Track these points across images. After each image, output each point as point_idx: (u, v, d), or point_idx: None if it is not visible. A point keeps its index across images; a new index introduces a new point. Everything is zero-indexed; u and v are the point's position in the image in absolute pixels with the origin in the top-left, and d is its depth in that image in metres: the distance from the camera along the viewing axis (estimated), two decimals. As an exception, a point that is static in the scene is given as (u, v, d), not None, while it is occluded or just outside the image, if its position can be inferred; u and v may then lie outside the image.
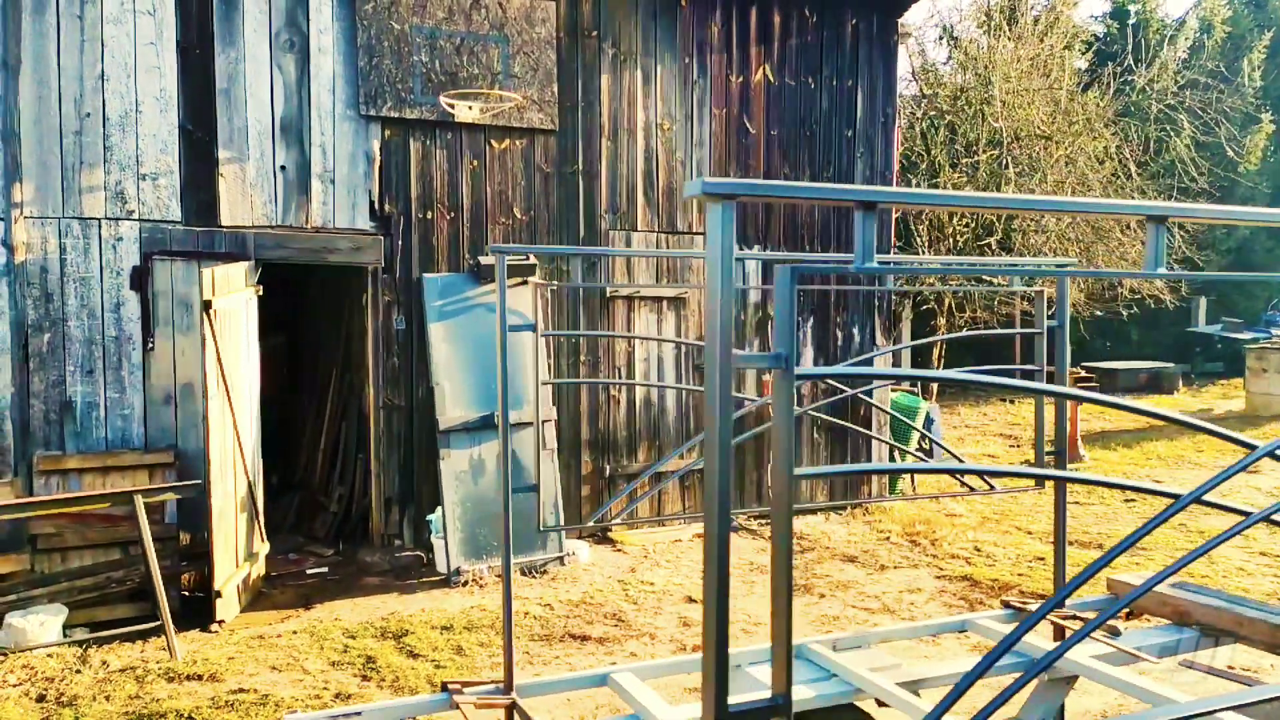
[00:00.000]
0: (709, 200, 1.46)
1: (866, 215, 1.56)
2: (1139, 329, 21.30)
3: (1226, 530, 2.04)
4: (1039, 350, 4.22)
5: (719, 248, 1.45)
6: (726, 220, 1.45)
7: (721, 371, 1.47)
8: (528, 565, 7.59)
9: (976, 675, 1.99)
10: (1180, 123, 15.14)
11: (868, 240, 1.57)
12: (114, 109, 6.82)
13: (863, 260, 1.57)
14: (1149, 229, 1.79)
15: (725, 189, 1.44)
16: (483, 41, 7.77)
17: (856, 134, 9.39)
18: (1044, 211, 1.93)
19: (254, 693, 5.45)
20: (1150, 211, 1.78)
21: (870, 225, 1.57)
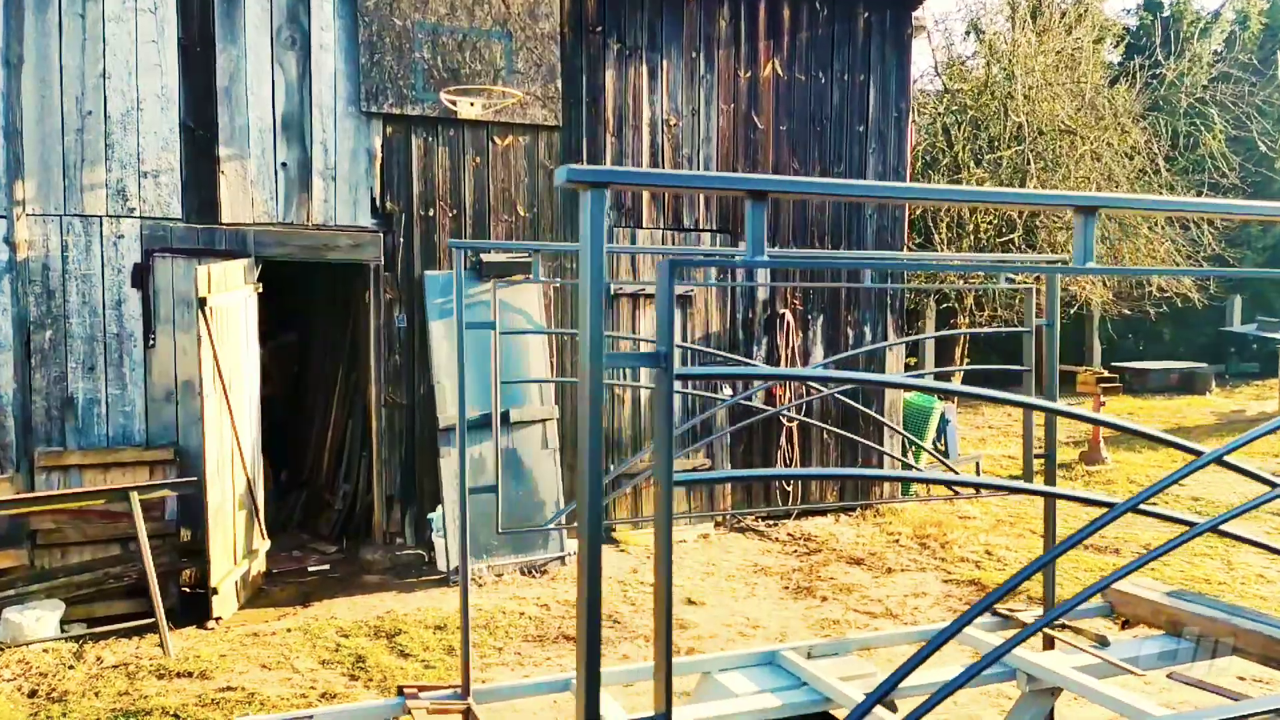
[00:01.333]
0: (579, 188, 1.37)
1: (756, 205, 1.47)
2: (1171, 328, 20.86)
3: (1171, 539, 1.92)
4: (1027, 350, 4.08)
5: (590, 237, 1.36)
6: (597, 209, 1.37)
7: (594, 372, 1.38)
8: (527, 565, 7.53)
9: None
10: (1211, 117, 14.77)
11: (757, 233, 1.47)
12: (115, 107, 6.85)
13: (753, 254, 1.47)
14: (1076, 221, 1.68)
15: (593, 176, 1.35)
16: (485, 37, 7.71)
17: (869, 129, 9.24)
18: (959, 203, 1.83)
19: (241, 691, 5.44)
20: (1079, 202, 1.67)
21: (760, 216, 1.47)
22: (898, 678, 1.79)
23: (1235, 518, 1.93)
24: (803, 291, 9.02)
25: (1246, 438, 1.96)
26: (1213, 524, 1.93)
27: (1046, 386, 4.16)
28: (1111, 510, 1.85)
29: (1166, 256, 13.52)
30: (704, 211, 8.67)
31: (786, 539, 8.67)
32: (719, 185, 1.48)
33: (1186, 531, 1.92)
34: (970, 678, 1.94)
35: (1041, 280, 7.88)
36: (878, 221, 9.28)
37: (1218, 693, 3.63)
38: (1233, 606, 3.94)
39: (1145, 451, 12.34)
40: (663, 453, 1.47)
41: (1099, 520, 1.86)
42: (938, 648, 1.72)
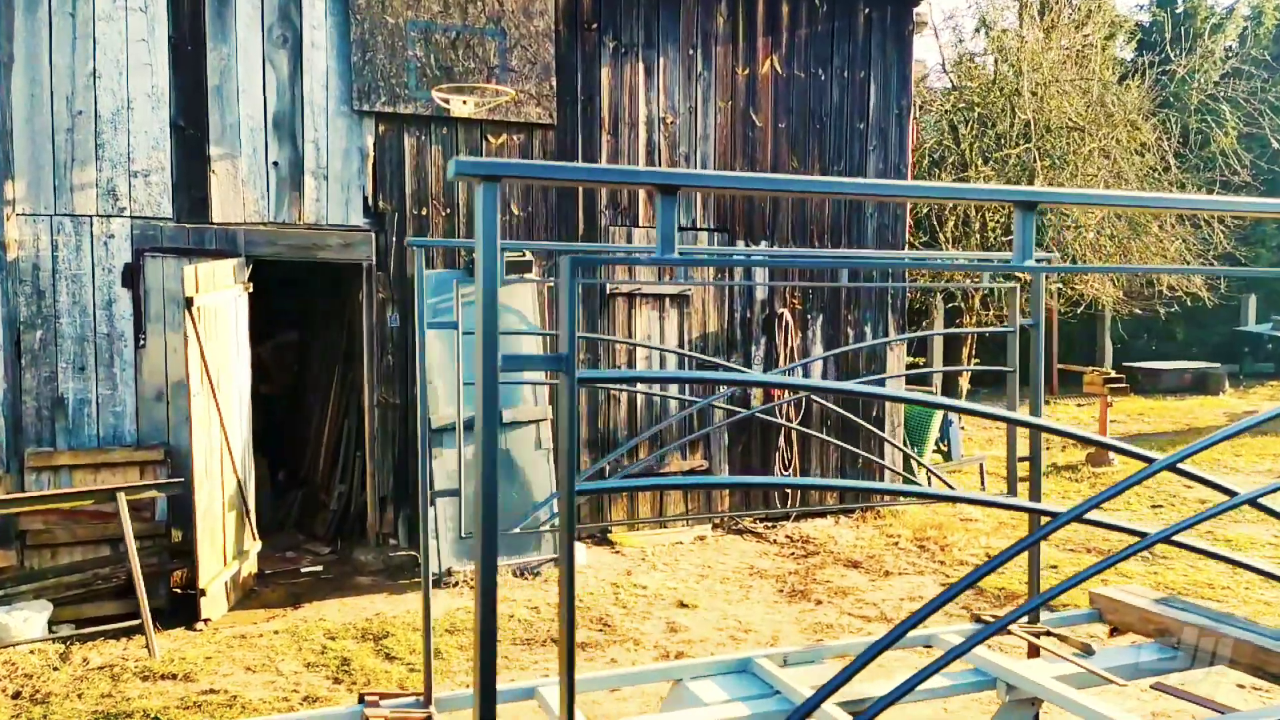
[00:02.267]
0: (473, 181, 1.30)
1: (666, 200, 1.39)
2: (1185, 328, 20.63)
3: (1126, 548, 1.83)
4: (1010, 351, 3.99)
5: (482, 232, 1.29)
6: (490, 204, 1.29)
7: (487, 375, 1.31)
8: (520, 566, 7.47)
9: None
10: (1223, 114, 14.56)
11: (667, 228, 1.40)
12: (106, 106, 6.83)
13: (662, 250, 1.40)
14: (1016, 216, 1.60)
15: (484, 169, 1.28)
16: (479, 35, 7.66)
17: (869, 127, 9.13)
18: (898, 199, 1.75)
19: (224, 694, 5.40)
20: (1018, 197, 1.59)
21: (670, 211, 1.40)
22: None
23: (1188, 528, 1.84)
24: (803, 291, 8.92)
25: (1201, 445, 1.88)
26: (1164, 535, 1.85)
27: (1033, 388, 4.06)
28: (1055, 519, 1.77)
29: (1177, 255, 13.33)
30: (701, 210, 8.59)
31: (785, 541, 8.58)
32: (622, 179, 1.41)
33: (1136, 543, 1.83)
34: (921, 681, 1.87)
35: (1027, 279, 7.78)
36: (878, 220, 9.18)
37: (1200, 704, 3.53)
38: (1222, 614, 3.83)
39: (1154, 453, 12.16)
40: (565, 462, 1.39)
41: (1043, 529, 1.78)
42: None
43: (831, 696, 3.23)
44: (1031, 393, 4.07)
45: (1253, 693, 5.35)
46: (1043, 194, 1.58)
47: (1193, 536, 2.03)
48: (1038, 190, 1.56)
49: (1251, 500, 1.88)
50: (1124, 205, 1.68)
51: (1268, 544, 8.27)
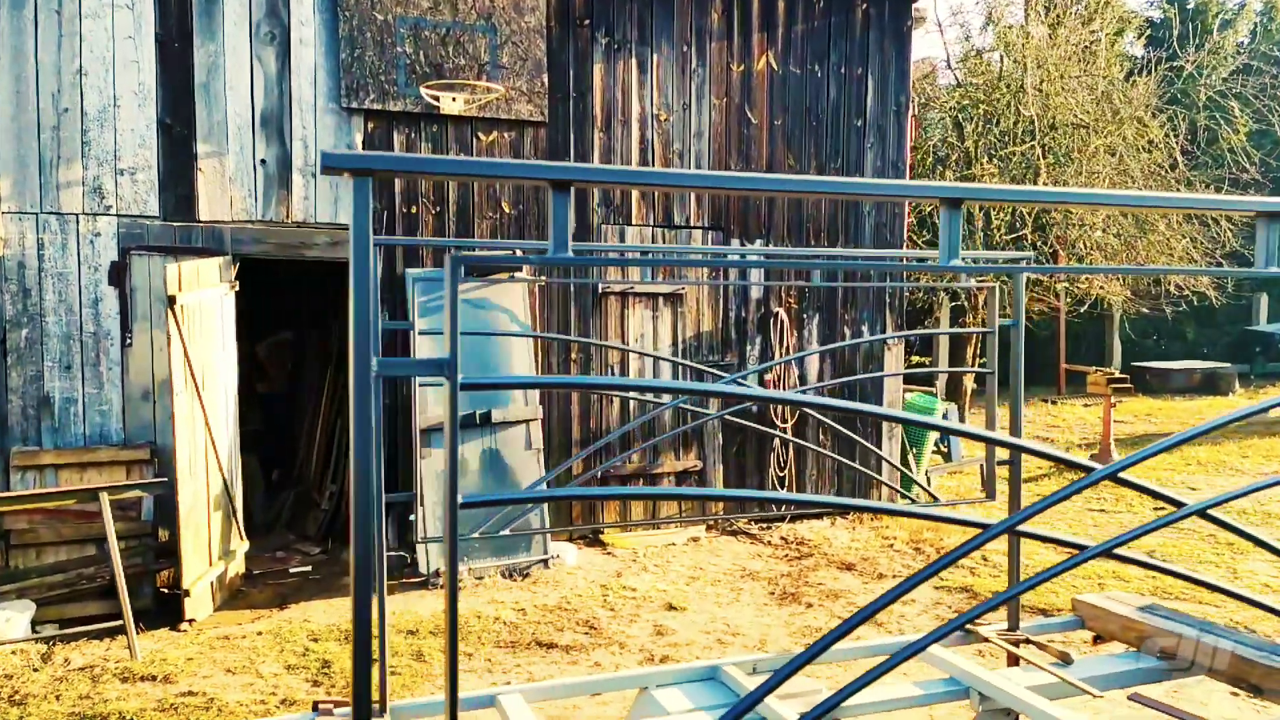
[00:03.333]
0: (342, 176, 1.23)
1: (559, 195, 1.32)
2: (1194, 327, 20.42)
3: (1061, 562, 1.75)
4: (990, 350, 3.89)
5: (354, 229, 1.22)
6: (362, 199, 1.22)
7: (361, 381, 1.23)
8: (510, 567, 7.41)
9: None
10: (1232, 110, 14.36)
11: (560, 225, 1.32)
12: (92, 104, 6.79)
13: (555, 249, 1.32)
14: (941, 214, 1.52)
15: (355, 163, 1.21)
16: (469, 31, 7.59)
17: (867, 124, 9.03)
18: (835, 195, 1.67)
19: (202, 696, 5.35)
20: (945, 194, 1.51)
21: (564, 208, 1.32)
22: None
23: (1132, 540, 1.76)
24: (799, 290, 8.83)
25: (1144, 453, 1.79)
26: (1105, 547, 1.76)
27: (1013, 394, 3.97)
28: (986, 531, 1.69)
29: (1184, 253, 13.15)
30: (695, 209, 8.51)
31: (779, 542, 8.49)
32: (513, 174, 1.33)
33: (1078, 554, 1.75)
34: (868, 682, 1.81)
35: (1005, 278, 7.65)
36: (875, 218, 9.08)
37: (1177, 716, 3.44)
38: (1205, 622, 3.73)
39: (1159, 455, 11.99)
40: (450, 469, 1.32)
41: (972, 541, 1.70)
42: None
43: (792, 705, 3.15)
44: (1011, 398, 3.98)
45: (1246, 701, 5.24)
46: (968, 190, 1.50)
47: (1200, 541, 1.94)
48: (962, 186, 1.48)
49: (1200, 511, 1.80)
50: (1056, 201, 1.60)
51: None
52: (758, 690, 1.56)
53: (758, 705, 3.16)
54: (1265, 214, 1.71)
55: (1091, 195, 1.54)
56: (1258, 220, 1.72)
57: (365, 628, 1.25)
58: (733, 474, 8.80)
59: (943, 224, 1.52)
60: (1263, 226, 1.70)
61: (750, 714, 3.26)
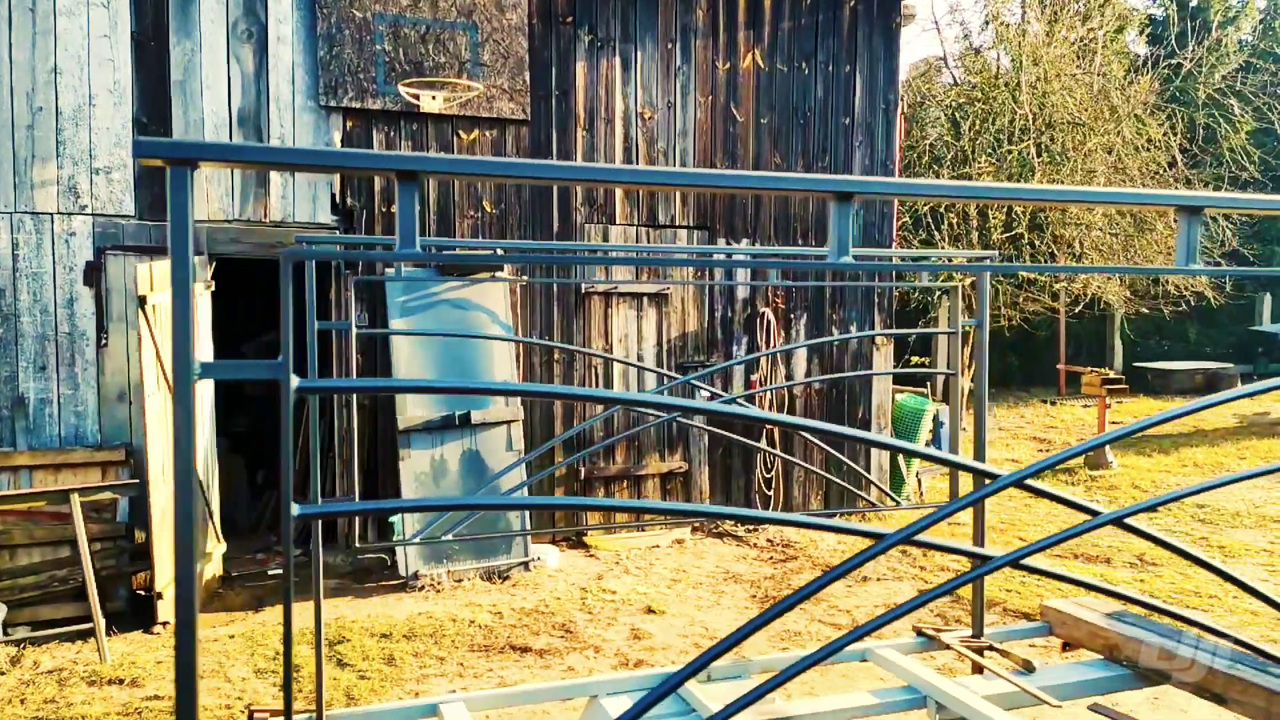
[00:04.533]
0: (159, 165, 1.16)
1: (405, 188, 1.24)
2: (1197, 327, 20.26)
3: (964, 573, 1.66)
4: (953, 351, 3.80)
5: (173, 225, 1.14)
6: (181, 191, 1.15)
7: (181, 387, 1.16)
8: (490, 570, 7.34)
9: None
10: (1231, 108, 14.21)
11: (407, 221, 1.24)
12: (67, 102, 6.74)
13: (403, 245, 1.25)
14: (832, 209, 1.44)
15: (174, 151, 1.14)
16: (449, 29, 7.52)
17: (855, 122, 8.93)
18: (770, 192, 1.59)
19: (168, 700, 5.29)
20: (836, 187, 1.43)
21: (410, 201, 1.24)
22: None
23: (1035, 553, 1.68)
24: (785, 289, 8.74)
25: (1051, 460, 1.71)
26: (1012, 557, 1.68)
27: (978, 397, 3.88)
28: (879, 543, 1.61)
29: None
30: (680, 208, 8.42)
31: (765, 544, 8.40)
32: (351, 164, 1.25)
33: (980, 565, 1.67)
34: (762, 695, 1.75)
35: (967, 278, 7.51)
36: (864, 217, 8.98)
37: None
38: (1174, 630, 3.64)
39: (1155, 456, 11.89)
40: (284, 477, 1.24)
41: (864, 553, 1.62)
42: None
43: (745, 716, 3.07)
44: (976, 402, 3.89)
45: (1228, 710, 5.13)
46: (856, 183, 1.42)
47: (1189, 543, 1.84)
48: (851, 180, 1.40)
49: (1116, 520, 1.71)
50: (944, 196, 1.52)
51: (1262, 550, 8.02)
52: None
53: (701, 709, 3.08)
54: (1185, 209, 1.62)
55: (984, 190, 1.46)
56: (1177, 215, 1.63)
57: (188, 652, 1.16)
58: (719, 475, 8.71)
59: (831, 219, 1.44)
60: (1182, 222, 1.61)
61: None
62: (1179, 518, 9.18)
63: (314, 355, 3.06)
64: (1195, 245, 1.61)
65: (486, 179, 1.25)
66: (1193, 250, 1.61)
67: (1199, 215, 1.61)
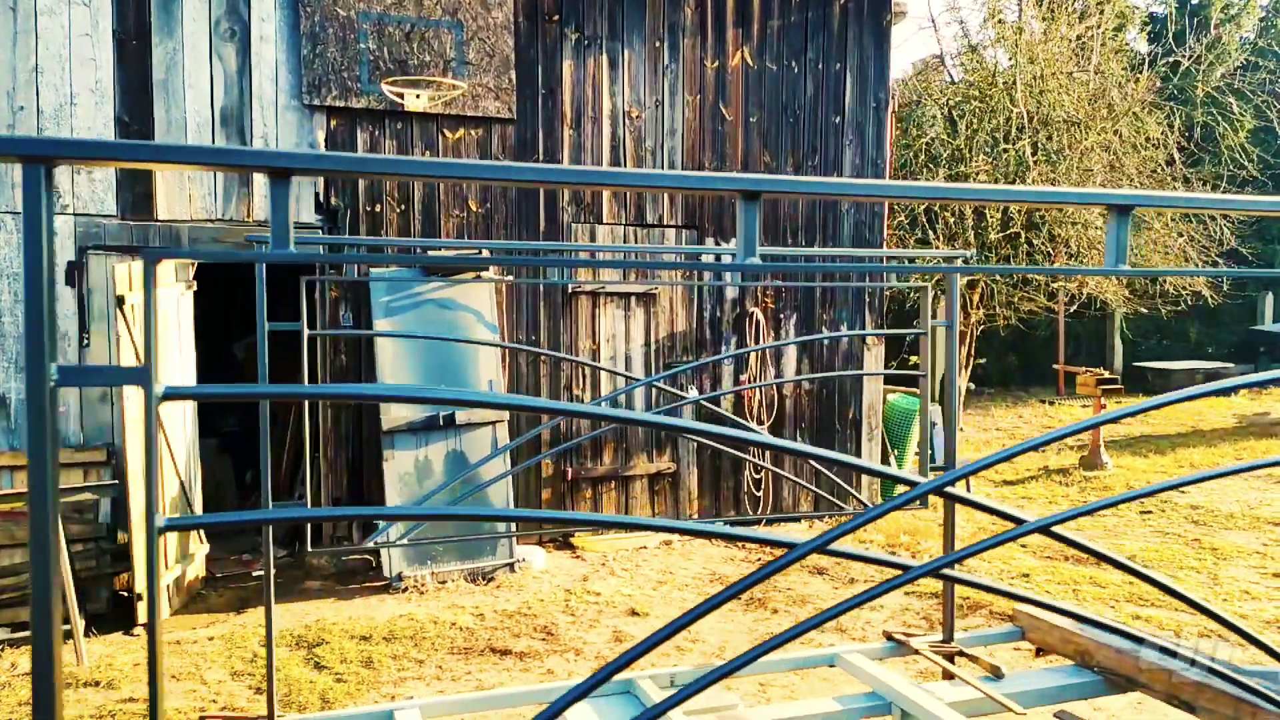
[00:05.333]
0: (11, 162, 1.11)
1: (276, 185, 1.20)
2: (1198, 327, 20.13)
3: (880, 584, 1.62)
4: (924, 352, 3.75)
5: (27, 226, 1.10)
6: (34, 190, 1.10)
7: (35, 396, 1.11)
8: (474, 571, 7.30)
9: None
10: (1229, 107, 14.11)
11: (281, 222, 1.20)
12: (48, 102, 6.72)
13: (276, 245, 1.20)
14: (740, 208, 1.39)
15: (30, 149, 1.09)
16: (434, 27, 7.48)
17: (845, 121, 8.87)
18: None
19: (142, 702, 5.26)
20: (744, 186, 1.38)
21: (284, 199, 1.20)
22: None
23: (959, 560, 1.63)
24: (775, 289, 8.68)
25: (974, 467, 1.66)
26: (931, 566, 1.63)
27: (947, 397, 3.82)
28: (791, 551, 1.56)
29: (1180, 252, 12.93)
30: (668, 207, 8.37)
31: (754, 546, 8.35)
32: (212, 161, 1.21)
33: (897, 576, 1.62)
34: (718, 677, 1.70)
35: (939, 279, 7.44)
36: (854, 217, 8.93)
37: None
38: (1145, 636, 3.58)
39: (1151, 456, 11.81)
40: (148, 486, 1.20)
41: (775, 563, 1.57)
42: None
43: None
44: (945, 402, 3.83)
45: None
46: (765, 181, 1.37)
47: (1184, 546, 1.79)
48: (759, 178, 1.36)
49: (1042, 528, 1.66)
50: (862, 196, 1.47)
51: (1254, 552, 7.95)
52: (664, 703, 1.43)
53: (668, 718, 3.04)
54: (1114, 208, 1.57)
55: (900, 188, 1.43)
56: (1108, 215, 1.58)
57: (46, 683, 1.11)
58: (707, 477, 8.66)
59: (740, 218, 1.39)
60: (1112, 221, 1.56)
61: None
62: (1171, 519, 9.11)
63: (264, 357, 3.01)
64: (1125, 245, 1.56)
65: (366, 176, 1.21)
66: (1122, 251, 1.56)
67: (1128, 215, 1.56)
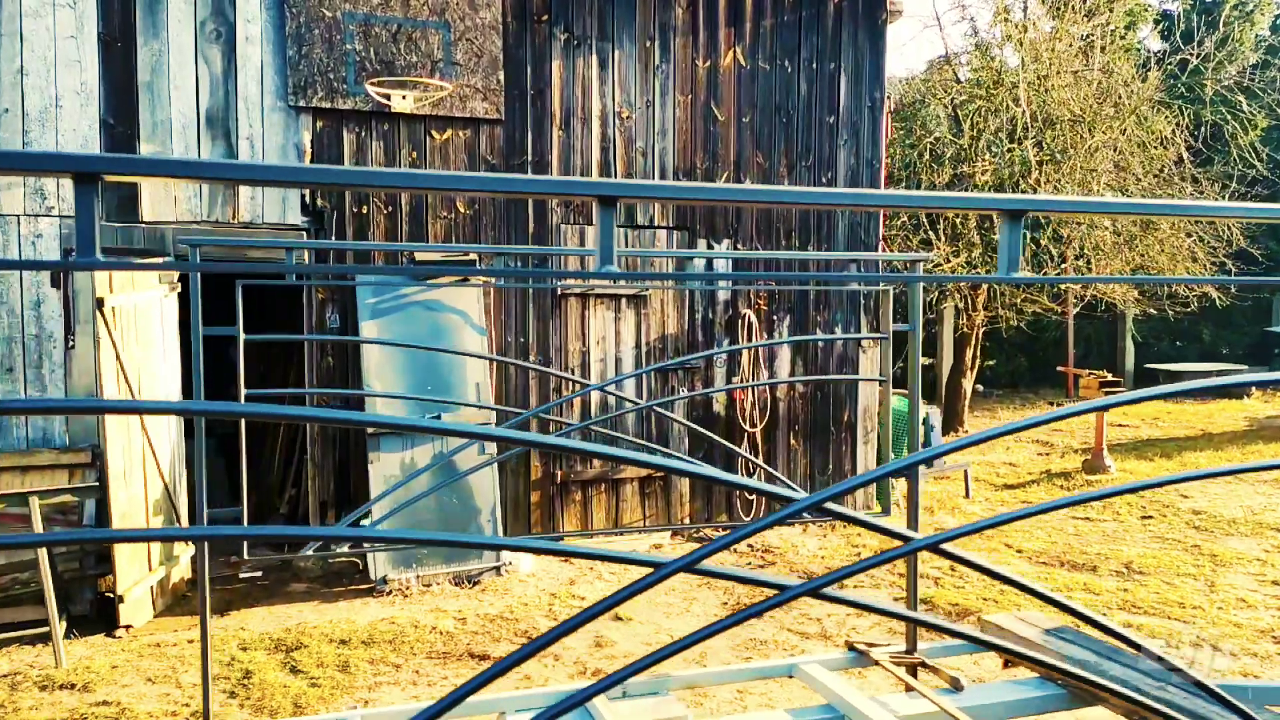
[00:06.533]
0: None
1: (82, 189, 1.15)
2: (1211, 329, 19.89)
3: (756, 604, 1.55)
4: (884, 357, 3.68)
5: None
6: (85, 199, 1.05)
7: None
8: (460, 575, 7.26)
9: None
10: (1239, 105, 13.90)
11: (85, 228, 1.15)
12: (33, 104, 6.72)
13: (81, 254, 1.15)
14: (596, 211, 1.33)
15: None
16: (421, 28, 7.45)
17: (839, 121, 8.78)
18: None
19: (116, 705, 5.25)
20: (595, 191, 1.32)
21: (89, 203, 1.15)
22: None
23: (834, 582, 1.57)
24: (768, 291, 8.61)
25: (850, 484, 1.60)
26: (809, 587, 1.57)
27: (912, 403, 3.75)
28: (656, 571, 1.50)
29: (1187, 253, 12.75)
30: (659, 208, 8.31)
31: (746, 550, 8.28)
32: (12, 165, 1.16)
33: (775, 595, 1.56)
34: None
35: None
36: (850, 219, 8.84)
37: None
38: (1111, 649, 3.50)
39: (1156, 460, 11.66)
40: None
41: (638, 583, 1.51)
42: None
43: None
44: (911, 405, 3.76)
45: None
46: (620, 186, 1.32)
47: (1183, 551, 1.72)
48: (614, 183, 1.30)
49: (931, 545, 1.60)
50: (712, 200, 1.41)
51: (1255, 559, 7.81)
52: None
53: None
54: (1006, 213, 1.50)
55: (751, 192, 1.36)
56: (999, 220, 1.51)
57: None
58: (700, 480, 8.58)
59: (598, 223, 1.33)
60: (1003, 226, 1.49)
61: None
62: (1172, 524, 8.98)
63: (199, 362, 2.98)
64: (1018, 251, 1.49)
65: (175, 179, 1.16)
66: (1014, 257, 1.49)
67: (1020, 220, 1.49)
